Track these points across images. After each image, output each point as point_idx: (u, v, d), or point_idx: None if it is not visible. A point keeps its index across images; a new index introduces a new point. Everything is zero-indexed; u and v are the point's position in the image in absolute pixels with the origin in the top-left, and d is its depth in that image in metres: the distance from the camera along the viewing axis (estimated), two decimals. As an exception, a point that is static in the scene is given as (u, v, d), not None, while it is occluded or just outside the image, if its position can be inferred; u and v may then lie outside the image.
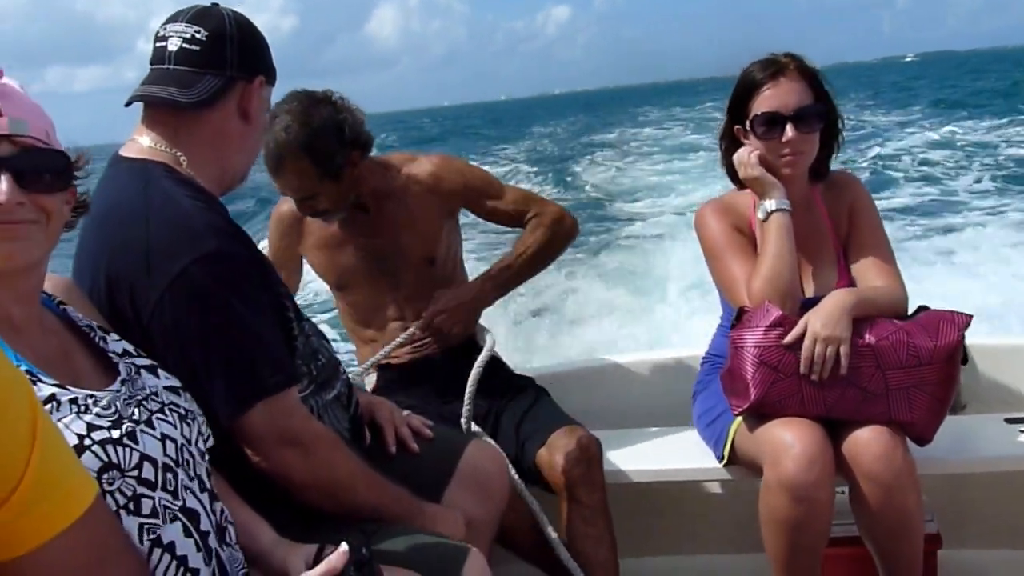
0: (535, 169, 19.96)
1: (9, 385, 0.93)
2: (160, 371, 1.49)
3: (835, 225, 2.40)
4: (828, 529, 2.19)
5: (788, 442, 2.13)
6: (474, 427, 2.42)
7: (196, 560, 1.38)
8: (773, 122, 2.27)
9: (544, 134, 34.88)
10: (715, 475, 2.45)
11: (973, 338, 2.27)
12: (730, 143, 2.41)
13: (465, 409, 2.39)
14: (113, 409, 1.35)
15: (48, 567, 0.97)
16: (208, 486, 1.47)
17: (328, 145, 2.33)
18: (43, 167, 1.33)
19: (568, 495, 2.28)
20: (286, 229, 2.63)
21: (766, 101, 2.28)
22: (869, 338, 2.16)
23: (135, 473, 1.32)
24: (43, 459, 0.95)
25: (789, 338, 2.16)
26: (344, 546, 1.42)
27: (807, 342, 2.14)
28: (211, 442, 1.51)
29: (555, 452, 2.29)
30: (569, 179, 17.70)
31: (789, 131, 2.25)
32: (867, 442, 2.15)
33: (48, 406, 1.27)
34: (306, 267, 2.74)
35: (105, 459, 1.29)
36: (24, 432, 0.93)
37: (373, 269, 2.58)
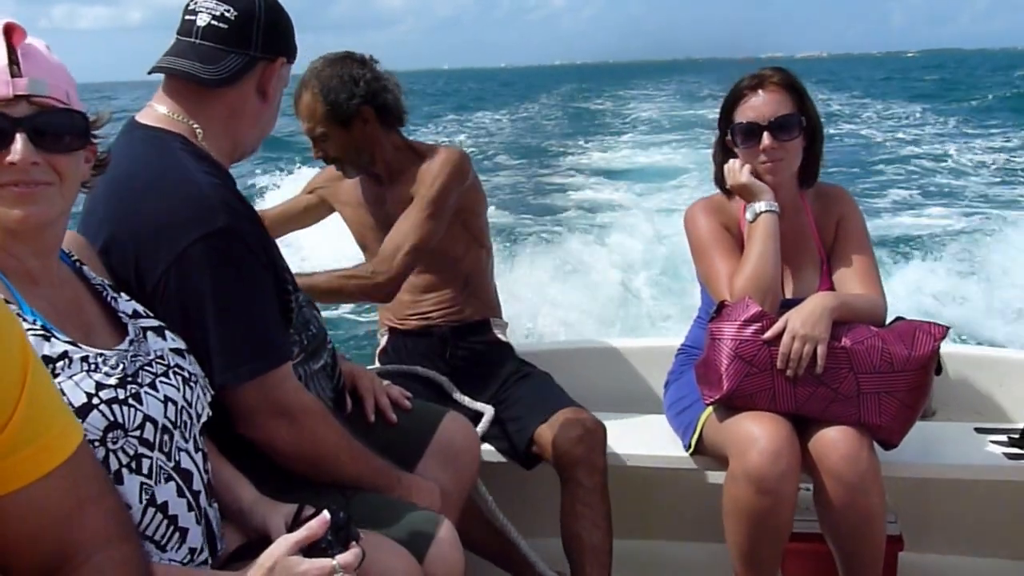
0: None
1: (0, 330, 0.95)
2: (167, 333, 1.52)
3: (821, 233, 2.44)
4: (790, 523, 2.21)
5: (755, 435, 2.15)
6: (464, 399, 2.48)
7: (187, 519, 1.43)
8: (751, 131, 2.34)
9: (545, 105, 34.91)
10: (681, 464, 2.46)
11: (947, 347, 2.29)
12: (722, 154, 2.46)
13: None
14: (121, 368, 1.38)
15: (31, 508, 1.00)
16: (201, 447, 1.50)
17: (340, 89, 2.44)
18: (61, 128, 1.33)
19: (567, 475, 2.30)
20: (329, 177, 2.75)
21: (746, 112, 2.36)
22: (845, 341, 2.19)
23: (137, 433, 1.35)
24: (31, 403, 0.97)
25: (769, 333, 2.19)
26: (325, 514, 1.45)
27: (786, 338, 2.17)
28: (208, 406, 1.53)
29: (558, 430, 2.31)
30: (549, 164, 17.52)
31: (766, 139, 2.32)
32: (833, 441, 2.17)
33: (60, 363, 1.30)
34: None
35: (111, 419, 1.32)
36: (14, 375, 0.96)
37: (383, 238, 2.59)
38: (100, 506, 1.08)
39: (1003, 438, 2.51)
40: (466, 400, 2.46)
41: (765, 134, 2.31)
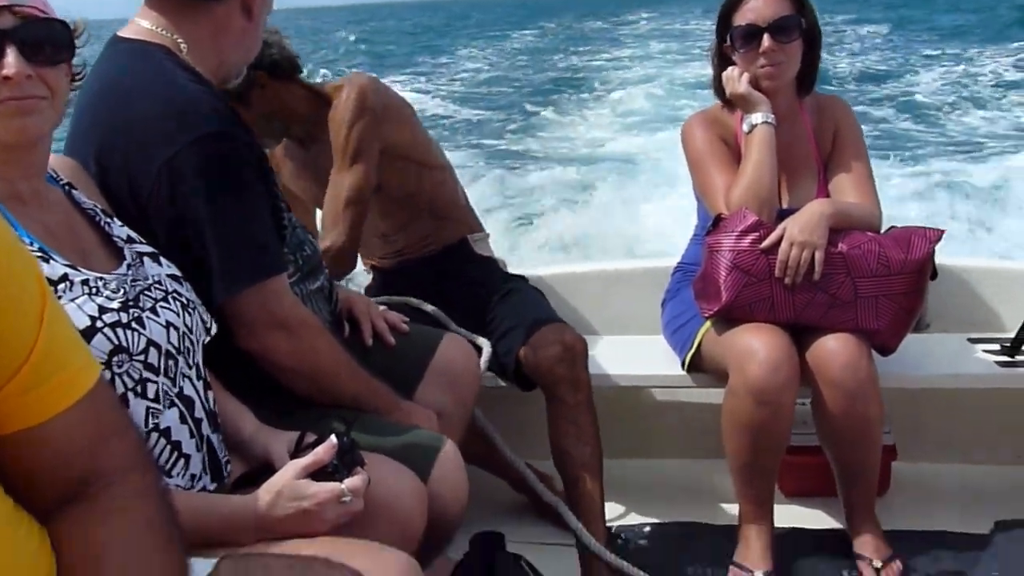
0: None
1: (20, 263, 0.95)
2: (162, 259, 1.49)
3: (818, 142, 2.42)
4: (788, 435, 2.23)
5: (754, 348, 2.15)
6: (460, 330, 2.42)
7: (189, 446, 1.42)
8: (751, 34, 2.29)
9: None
10: (680, 381, 2.46)
11: (942, 258, 2.29)
12: (720, 63, 2.41)
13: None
14: (122, 292, 1.36)
15: (53, 441, 1.00)
16: (203, 374, 1.50)
17: None
18: (45, 38, 1.30)
19: (551, 395, 2.28)
20: (275, 164, 2.62)
21: (745, 14, 2.31)
22: (842, 246, 2.18)
23: (142, 358, 1.34)
24: (51, 336, 0.97)
25: (767, 242, 2.18)
26: (332, 439, 1.45)
27: (784, 245, 2.17)
28: (214, 330, 1.53)
29: (539, 349, 2.28)
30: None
31: (766, 41, 2.28)
32: (832, 351, 2.17)
33: (61, 285, 1.29)
34: None
35: (116, 342, 1.31)
36: (34, 309, 0.96)
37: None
38: (121, 438, 1.07)
39: (995, 347, 2.54)
40: (462, 332, 2.43)
41: (765, 36, 2.27)
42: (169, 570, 1.02)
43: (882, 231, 2.29)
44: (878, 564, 2.25)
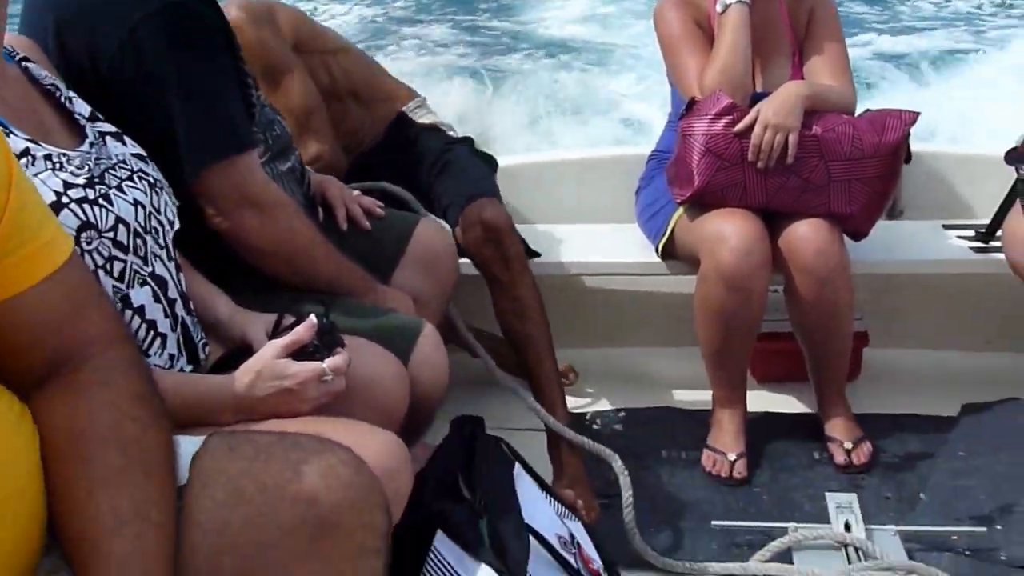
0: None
1: None
2: (126, 139, 1.45)
3: (794, 24, 2.38)
4: (760, 321, 2.25)
5: (726, 233, 2.15)
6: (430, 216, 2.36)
7: (164, 325, 1.41)
8: None
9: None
10: (654, 269, 2.47)
11: (916, 145, 2.29)
12: None
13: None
14: (86, 169, 1.33)
15: (29, 313, 0.99)
16: (174, 256, 1.47)
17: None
18: None
19: (487, 276, 2.24)
20: None
21: None
22: (816, 129, 2.17)
23: (111, 235, 1.32)
24: (20, 206, 0.96)
25: (741, 125, 2.16)
26: (312, 318, 1.44)
27: (757, 128, 2.15)
28: (176, 223, 1.49)
29: (466, 233, 2.21)
30: None
31: None
32: (804, 236, 2.18)
33: (23, 160, 1.25)
34: None
35: (83, 218, 1.28)
36: (1, 174, 0.93)
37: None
38: (97, 311, 1.06)
39: (970, 233, 2.55)
40: (432, 218, 2.38)
41: None
42: (157, 445, 1.02)
43: (856, 114, 2.27)
44: (848, 445, 2.30)
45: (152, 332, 1.39)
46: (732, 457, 2.28)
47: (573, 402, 2.27)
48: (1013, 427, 2.37)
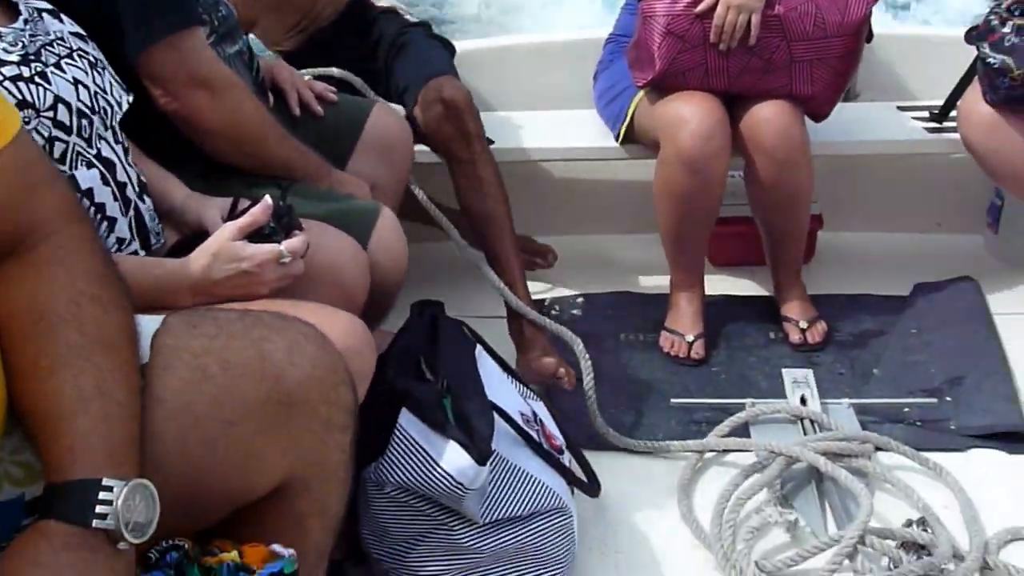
0: None
1: None
2: (63, 16, 1.39)
3: None
4: (719, 204, 2.26)
5: (686, 116, 2.13)
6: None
7: (113, 209, 1.37)
8: None
9: None
10: (614, 154, 2.45)
11: (875, 26, 2.26)
12: None
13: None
14: (20, 46, 1.27)
15: None
16: (122, 139, 1.43)
17: None
18: None
19: (446, 156, 2.20)
20: None
21: None
22: (779, 8, 2.13)
23: (50, 115, 1.27)
24: None
25: (702, 6, 2.12)
26: (268, 199, 1.41)
27: (720, 9, 2.10)
28: (124, 104, 1.44)
29: (425, 112, 2.16)
30: None
31: None
32: (765, 118, 2.18)
33: None
34: None
35: (19, 96, 1.23)
36: None
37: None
38: (51, 190, 1.03)
39: (924, 114, 2.57)
40: (386, 104, 2.31)
41: None
42: (118, 324, 0.99)
43: None
44: (804, 325, 2.34)
45: (100, 216, 1.36)
46: (690, 338, 2.31)
47: (531, 288, 2.26)
48: (963, 304, 2.42)
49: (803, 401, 2.09)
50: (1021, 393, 2.11)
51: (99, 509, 0.89)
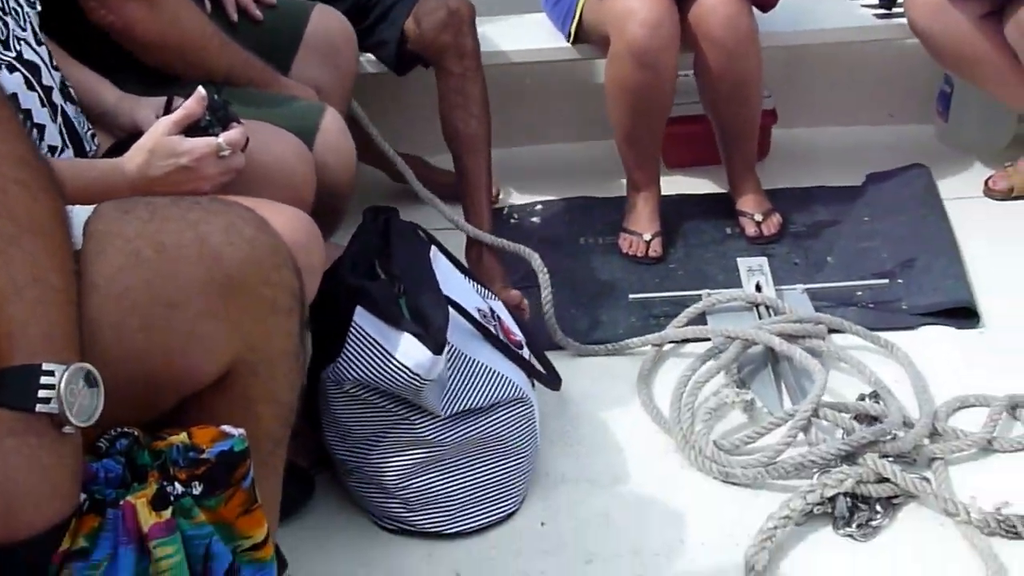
0: None
1: None
2: None
3: None
4: (671, 100, 2.25)
5: (634, 8, 2.11)
6: None
7: (41, 115, 1.33)
8: None
9: None
10: (564, 55, 2.42)
11: None
12: None
13: None
14: None
15: None
16: (42, 41, 1.38)
17: None
18: None
19: (438, 66, 2.16)
20: None
21: None
22: None
23: None
24: None
25: None
26: (201, 90, 1.37)
27: None
28: (36, 3, 1.39)
29: (423, 20, 2.12)
30: None
31: None
32: (713, 7, 2.16)
33: None
34: None
35: None
36: None
37: None
38: None
39: (873, 1, 2.55)
40: (326, 6, 2.22)
41: None
42: (48, 211, 0.96)
43: None
44: (759, 218, 2.35)
45: (28, 123, 1.31)
46: (647, 237, 2.32)
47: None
48: (913, 190, 2.44)
49: (758, 288, 2.11)
50: (969, 272, 2.14)
51: (41, 394, 0.88)
